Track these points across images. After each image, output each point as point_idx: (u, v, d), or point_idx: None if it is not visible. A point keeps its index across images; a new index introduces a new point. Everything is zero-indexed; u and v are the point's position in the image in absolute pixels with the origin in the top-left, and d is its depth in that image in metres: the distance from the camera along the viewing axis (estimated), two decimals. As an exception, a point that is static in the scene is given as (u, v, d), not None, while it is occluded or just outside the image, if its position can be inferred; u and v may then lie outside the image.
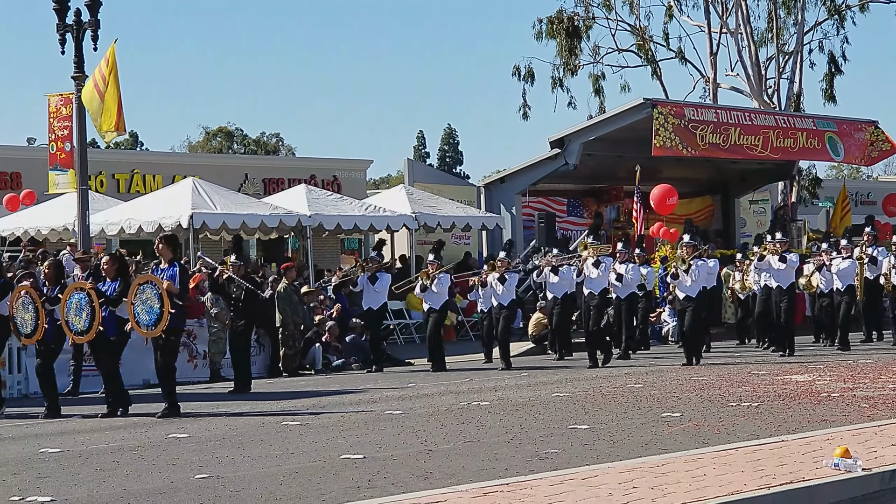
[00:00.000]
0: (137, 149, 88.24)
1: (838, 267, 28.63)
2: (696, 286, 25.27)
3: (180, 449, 14.39)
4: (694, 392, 18.94)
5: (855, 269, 28.65)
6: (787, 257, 26.76)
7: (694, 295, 25.26)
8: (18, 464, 13.54)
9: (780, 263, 26.72)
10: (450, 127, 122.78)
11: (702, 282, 25.47)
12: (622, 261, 27.65)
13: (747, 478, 9.92)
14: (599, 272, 25.64)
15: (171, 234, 20.50)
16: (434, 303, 26.48)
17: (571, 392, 19.76)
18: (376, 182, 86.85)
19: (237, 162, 55.27)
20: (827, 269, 28.78)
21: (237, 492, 10.93)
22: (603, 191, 41.47)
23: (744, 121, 37.44)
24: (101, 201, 33.95)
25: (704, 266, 25.49)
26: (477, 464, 12.05)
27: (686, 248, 25.75)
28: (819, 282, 29.18)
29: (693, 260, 25.19)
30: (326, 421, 16.89)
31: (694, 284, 25.25)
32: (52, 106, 28.83)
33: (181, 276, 18.74)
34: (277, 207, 32.66)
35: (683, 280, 25.26)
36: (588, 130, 37.21)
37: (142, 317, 18.33)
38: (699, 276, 25.28)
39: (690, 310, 25.18)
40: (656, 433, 14.07)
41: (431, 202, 35.89)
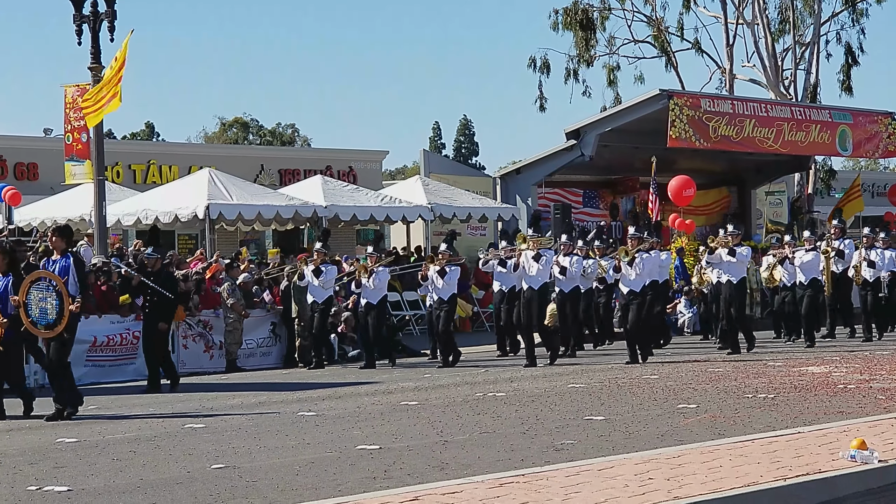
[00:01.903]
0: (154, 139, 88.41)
1: (801, 260, 27.76)
2: (640, 280, 24.22)
3: (196, 439, 14.42)
4: (710, 383, 18.93)
5: (819, 261, 27.97)
6: (736, 251, 25.66)
7: (638, 289, 24.19)
8: (35, 454, 13.58)
9: (729, 257, 25.66)
10: (465, 118, 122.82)
11: (647, 276, 24.48)
12: (566, 253, 26.12)
13: (763, 469, 9.91)
14: (540, 266, 24.23)
15: (65, 226, 19.55)
16: (371, 298, 25.20)
17: (587, 383, 19.77)
18: (392, 173, 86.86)
19: (253, 153, 55.25)
20: (790, 262, 27.95)
21: (253, 482, 10.95)
22: (618, 182, 41.41)
23: (759, 112, 37.38)
24: (118, 192, 34.01)
25: (651, 259, 24.60)
26: (493, 455, 12.06)
27: (631, 240, 24.84)
28: (782, 275, 28.37)
29: (638, 253, 24.15)
30: (342, 412, 16.91)
31: (638, 278, 24.17)
32: (68, 97, 28.88)
33: (76, 267, 17.69)
34: (293, 198, 32.69)
35: (627, 273, 24.14)
36: (604, 121, 37.17)
37: (36, 315, 17.18)
38: (644, 270, 24.23)
39: (635, 305, 24.09)
40: (672, 424, 14.07)
41: (447, 193, 35.88)
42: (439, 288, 25.04)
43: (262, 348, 26.52)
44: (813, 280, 27.74)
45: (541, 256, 24.11)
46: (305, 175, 41.71)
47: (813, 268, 27.78)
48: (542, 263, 24.17)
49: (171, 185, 34.53)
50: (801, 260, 27.73)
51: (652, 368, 22.23)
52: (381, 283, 25.36)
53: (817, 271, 27.94)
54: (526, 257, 24.15)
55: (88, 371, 23.60)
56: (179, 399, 19.78)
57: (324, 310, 25.45)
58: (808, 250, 27.81)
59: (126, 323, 24.35)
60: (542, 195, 38.27)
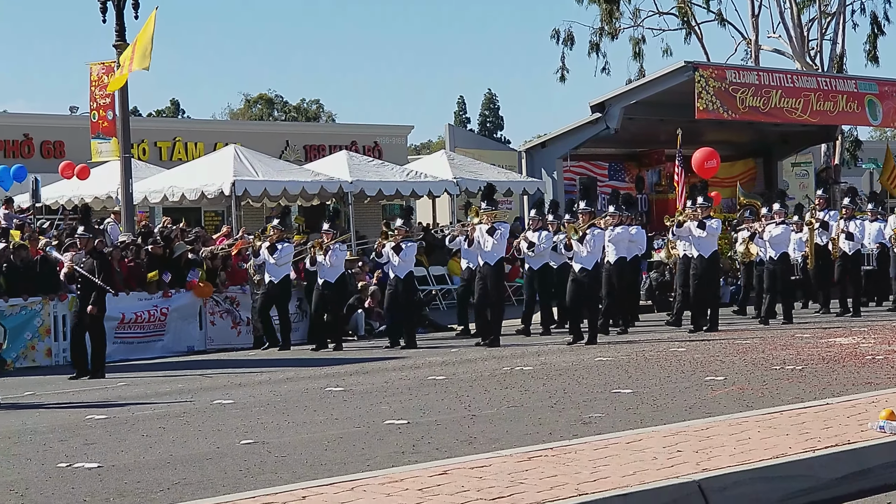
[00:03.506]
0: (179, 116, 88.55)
1: (770, 234, 26.09)
2: (592, 257, 22.82)
3: (225, 415, 14.48)
4: (737, 356, 18.90)
5: (789, 236, 26.66)
6: (706, 224, 24.33)
7: (590, 267, 22.77)
8: (65, 430, 13.65)
9: (699, 231, 24.30)
10: (490, 92, 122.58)
11: (598, 253, 23.20)
12: (535, 228, 24.96)
13: (792, 441, 9.90)
14: (495, 240, 23.26)
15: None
16: (329, 276, 24.28)
17: (614, 356, 19.75)
18: (417, 148, 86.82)
19: (278, 129, 55.36)
20: (759, 236, 26.39)
21: (282, 457, 10.99)
22: (644, 154, 41.30)
23: (785, 83, 37.21)
24: (144, 169, 34.12)
25: (601, 236, 23.36)
26: (521, 428, 12.07)
27: (582, 215, 23.19)
28: (759, 250, 26.86)
29: (589, 229, 22.75)
30: (370, 387, 16.94)
31: (590, 255, 22.74)
32: (93, 75, 28.96)
33: None
34: (319, 174, 32.72)
35: (578, 251, 22.64)
36: (629, 94, 37.07)
37: None
38: (595, 247, 22.84)
39: (590, 281, 22.79)
40: (700, 397, 14.06)
41: (473, 167, 35.85)
42: (395, 265, 23.91)
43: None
44: (783, 255, 26.20)
45: (495, 230, 23.27)
46: (330, 151, 41.74)
47: (782, 242, 26.23)
48: (497, 238, 23.28)
49: (197, 162, 34.60)
50: (770, 234, 26.12)
51: (679, 341, 22.19)
52: (338, 260, 24.39)
53: (787, 245, 26.50)
54: (480, 232, 23.35)
55: (117, 348, 23.71)
56: (207, 375, 19.85)
57: (281, 288, 24.55)
58: (777, 224, 26.20)
59: (154, 300, 24.46)
60: (568, 168, 38.20)
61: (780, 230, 26.07)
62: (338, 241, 24.58)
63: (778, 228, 26.05)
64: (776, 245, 26.06)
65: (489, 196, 24.40)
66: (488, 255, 23.34)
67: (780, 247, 26.13)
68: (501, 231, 23.45)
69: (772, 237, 26.02)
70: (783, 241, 26.22)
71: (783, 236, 26.19)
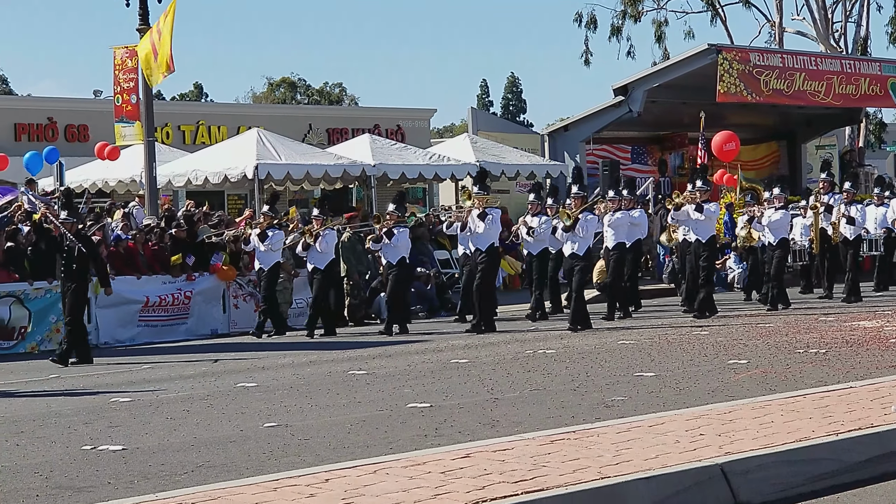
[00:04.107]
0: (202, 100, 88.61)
1: (769, 219, 25.36)
2: (584, 242, 22.41)
3: (249, 398, 14.52)
4: (760, 339, 18.86)
5: (788, 220, 26.09)
6: (704, 207, 23.82)
7: (581, 253, 22.35)
8: (90, 413, 13.72)
9: (697, 214, 23.85)
10: (513, 75, 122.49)
11: (590, 239, 22.70)
12: (534, 213, 24.47)
13: (815, 424, 9.88)
14: (487, 225, 22.71)
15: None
16: (319, 262, 23.80)
17: (637, 339, 19.74)
18: (440, 131, 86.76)
19: (301, 112, 55.35)
20: (758, 221, 25.75)
21: (306, 440, 11.02)
22: (667, 138, 41.24)
23: (809, 66, 37.13)
24: (167, 153, 34.17)
25: (594, 221, 22.84)
26: (543, 412, 12.08)
27: (574, 199, 22.90)
28: (760, 235, 26.15)
29: (582, 214, 22.33)
30: (393, 370, 16.97)
31: (582, 241, 22.35)
32: (117, 58, 29.03)
33: None
34: (341, 157, 32.73)
35: (570, 236, 22.38)
36: (652, 77, 37.02)
37: None
38: (587, 232, 22.44)
39: (578, 270, 22.32)
40: (723, 380, 14.04)
41: (495, 151, 35.82)
42: (387, 251, 23.59)
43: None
44: (782, 240, 25.42)
45: (486, 215, 22.72)
46: (353, 134, 41.77)
47: (782, 227, 25.48)
48: (489, 222, 22.74)
49: (220, 146, 34.64)
50: (769, 219, 25.38)
51: (702, 324, 22.14)
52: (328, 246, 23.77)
53: (786, 231, 25.82)
54: (472, 216, 22.94)
55: (141, 331, 23.87)
56: (231, 358, 19.91)
57: (270, 275, 24.07)
58: (777, 209, 25.46)
59: (178, 283, 24.53)
60: (591, 152, 38.18)
61: (780, 215, 25.38)
62: (328, 227, 24.06)
63: (777, 213, 25.38)
64: (775, 230, 25.37)
65: (481, 180, 23.81)
66: (479, 240, 22.92)
67: (780, 232, 25.43)
68: (492, 216, 22.94)
69: (770, 222, 25.37)
70: (782, 226, 25.54)
71: (782, 221, 25.51)
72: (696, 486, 8.26)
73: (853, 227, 27.05)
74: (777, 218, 25.32)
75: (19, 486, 9.46)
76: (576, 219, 22.15)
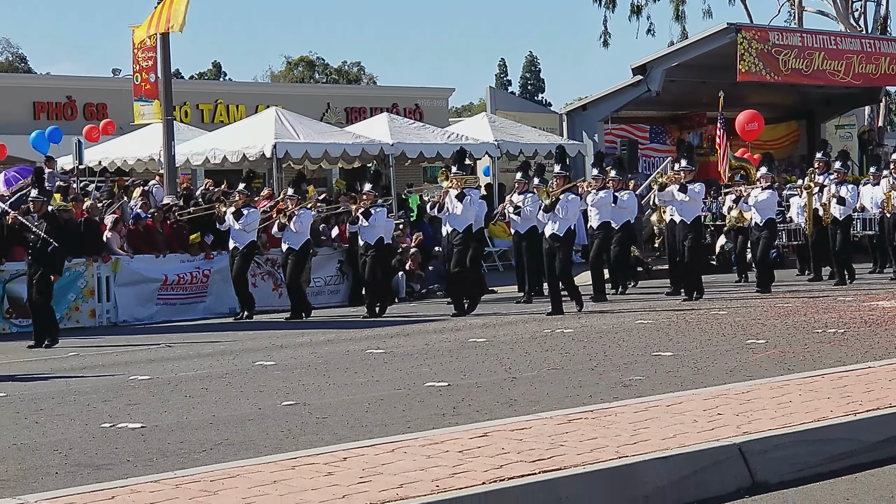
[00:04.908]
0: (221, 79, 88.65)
1: (756, 198, 24.82)
2: (565, 223, 21.78)
3: (267, 376, 14.55)
4: (779, 319, 18.83)
5: (775, 200, 25.59)
6: (689, 188, 23.18)
7: (561, 233, 21.76)
8: (109, 391, 13.76)
9: (681, 195, 23.21)
10: (531, 54, 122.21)
11: (571, 220, 22.12)
12: (521, 191, 23.85)
13: (833, 404, 9.87)
14: (465, 206, 22.19)
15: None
16: (293, 242, 23.37)
17: (655, 319, 19.74)
18: (458, 110, 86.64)
19: (319, 91, 55.35)
20: (744, 201, 25.47)
21: (323, 418, 11.04)
22: (685, 117, 41.15)
23: (828, 45, 37.07)
24: (186, 131, 34.19)
25: (575, 201, 22.38)
26: (561, 391, 12.09)
27: (557, 179, 22.53)
28: (753, 214, 25.44)
29: (564, 194, 21.81)
30: (410, 349, 16.99)
31: (563, 221, 21.74)
32: (136, 37, 29.03)
33: None
34: (360, 136, 32.71)
35: (542, 218, 21.95)
36: (671, 56, 36.96)
37: None
38: (568, 213, 21.81)
39: (562, 248, 21.85)
40: (741, 360, 14.03)
41: (514, 130, 35.78)
42: (365, 231, 23.24)
43: (329, 286, 26.59)
44: (769, 221, 24.85)
45: (464, 196, 22.18)
46: (372, 113, 41.73)
47: (768, 207, 24.90)
48: (467, 203, 22.21)
49: (239, 125, 34.65)
50: (755, 199, 24.84)
51: (720, 304, 22.12)
52: (303, 226, 23.44)
53: (773, 211, 25.24)
54: (449, 197, 22.35)
55: (160, 309, 23.92)
56: (249, 337, 19.96)
57: (245, 255, 23.55)
58: (764, 188, 24.91)
59: (196, 262, 24.57)
60: (609, 131, 38.12)
61: (766, 195, 24.80)
62: (303, 206, 23.56)
63: (764, 193, 24.81)
64: (762, 210, 24.83)
65: (460, 160, 23.06)
66: (457, 221, 22.38)
67: (766, 212, 24.87)
68: (471, 196, 22.43)
69: (757, 202, 24.82)
70: (769, 206, 24.96)
71: (769, 201, 24.92)
72: (713, 465, 8.26)
73: (843, 207, 26.55)
74: (764, 198, 24.77)
75: (38, 463, 9.50)
76: (556, 198, 21.66)
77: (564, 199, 21.76)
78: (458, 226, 22.38)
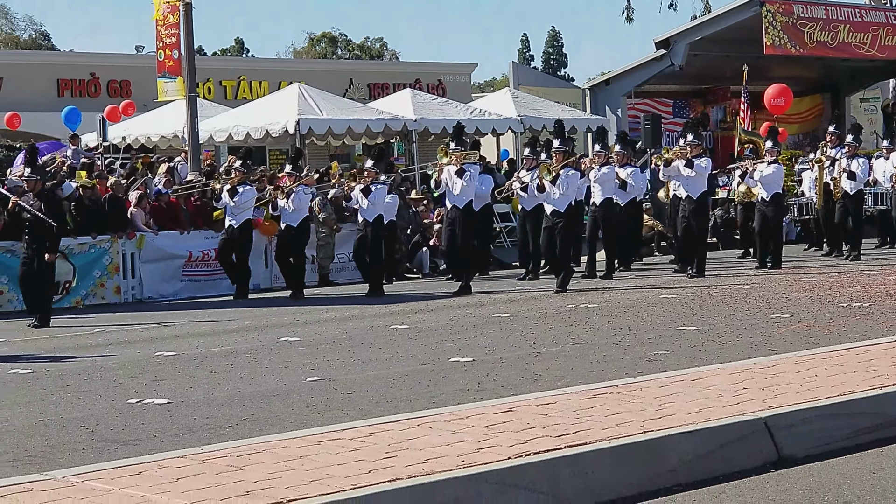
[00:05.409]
0: (243, 55, 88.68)
1: (762, 173, 24.42)
2: (565, 199, 21.32)
3: (292, 352, 14.58)
4: (804, 293, 18.79)
5: (781, 174, 25.12)
6: (695, 163, 22.74)
7: (562, 209, 21.28)
8: (135, 367, 13.82)
9: (687, 170, 22.78)
10: (554, 29, 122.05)
11: (572, 195, 21.66)
12: (529, 167, 23.56)
13: (859, 378, 9.85)
14: (464, 182, 21.71)
15: None
16: (291, 220, 22.94)
17: (679, 294, 19.70)
18: (481, 86, 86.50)
19: (342, 67, 55.36)
20: (750, 175, 24.97)
21: (349, 394, 11.07)
22: (709, 91, 41.05)
23: (854, 17, 36.90)
24: (209, 108, 34.25)
25: (576, 177, 21.92)
26: (586, 366, 12.09)
27: (556, 154, 22.05)
28: (758, 190, 24.94)
29: (564, 169, 21.37)
30: (435, 324, 17.00)
31: (563, 197, 21.28)
32: (159, 14, 29.05)
33: None
34: (383, 112, 32.72)
35: (551, 192, 21.36)
36: (694, 30, 36.84)
37: None
38: (569, 188, 21.38)
39: (561, 226, 21.28)
40: (766, 334, 14.00)
41: (537, 105, 35.74)
42: (364, 209, 22.77)
43: (353, 262, 26.53)
44: (775, 195, 24.48)
45: (464, 172, 21.70)
46: (395, 89, 41.75)
47: (774, 181, 24.49)
48: (466, 179, 21.72)
49: (262, 101, 34.69)
50: (761, 173, 24.44)
51: (745, 278, 22.07)
52: (301, 204, 22.99)
53: (779, 185, 24.78)
54: (448, 173, 21.87)
55: (184, 286, 23.99)
56: (274, 313, 19.99)
57: (242, 233, 23.14)
58: (769, 163, 24.53)
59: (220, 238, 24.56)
60: (632, 105, 38.07)
61: (772, 169, 24.42)
62: (300, 183, 23.17)
63: (770, 168, 24.43)
64: (767, 185, 24.45)
65: (458, 135, 22.58)
66: (456, 199, 21.88)
67: (772, 187, 24.49)
68: (471, 172, 21.97)
69: (762, 176, 24.44)
70: (775, 180, 24.53)
71: (775, 176, 24.51)
72: (739, 439, 8.25)
73: (854, 182, 26.20)
74: (769, 172, 24.42)
75: (66, 439, 9.55)
76: (556, 174, 21.28)
77: (565, 174, 21.38)
78: (458, 203, 21.91)
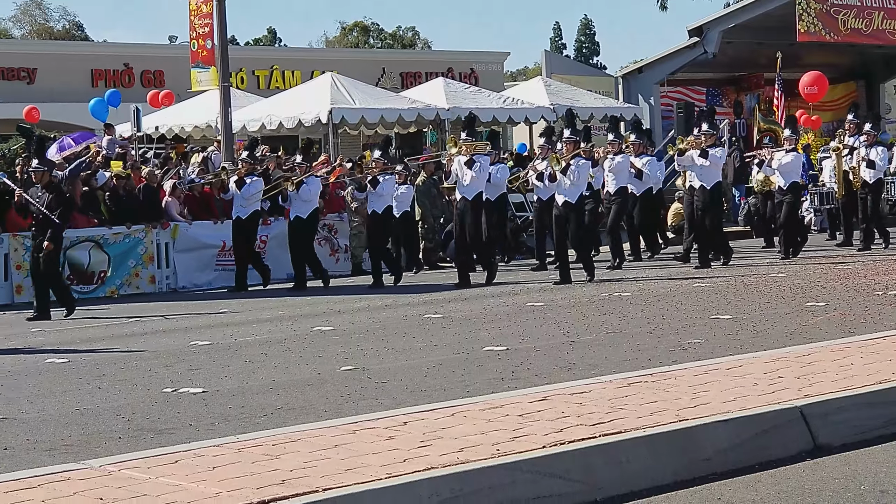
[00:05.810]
0: (276, 45, 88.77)
1: (780, 162, 23.94)
2: (576, 189, 21.03)
3: (326, 341, 14.61)
4: (839, 281, 18.72)
5: (800, 163, 24.77)
6: (710, 152, 22.44)
7: (574, 200, 20.99)
8: (170, 356, 13.87)
9: (701, 160, 22.45)
10: (586, 17, 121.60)
11: (582, 185, 21.31)
12: (544, 157, 22.83)
13: (895, 366, 9.82)
14: (474, 173, 21.22)
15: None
16: (301, 211, 22.61)
17: (713, 282, 19.65)
18: (513, 74, 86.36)
19: (374, 56, 55.39)
20: (767, 164, 24.38)
21: (382, 383, 11.08)
22: (742, 79, 40.92)
23: (888, 4, 36.76)
24: (242, 98, 34.33)
25: (586, 166, 21.45)
26: (619, 354, 12.08)
27: (567, 143, 21.70)
28: (776, 178, 24.56)
29: (574, 159, 21.04)
30: (468, 313, 17.01)
31: (574, 188, 20.99)
32: (192, 4, 29.18)
33: None
34: (415, 101, 32.73)
35: (562, 182, 21.01)
36: (727, 18, 36.75)
37: None
38: (580, 178, 21.05)
39: (574, 215, 21.11)
40: (801, 323, 13.96)
41: (569, 93, 35.68)
42: (372, 197, 22.49)
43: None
44: (793, 185, 24.09)
45: (474, 163, 21.20)
46: (427, 78, 41.76)
47: (793, 170, 24.11)
48: (476, 170, 21.24)
49: (295, 91, 34.75)
50: (779, 162, 23.97)
51: (780, 266, 21.98)
52: (311, 194, 22.77)
53: (797, 174, 24.43)
54: (458, 164, 21.37)
55: (218, 275, 24.03)
56: (307, 302, 20.03)
57: (249, 225, 22.92)
58: (787, 151, 24.12)
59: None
60: (665, 94, 37.97)
61: (791, 158, 24.00)
62: (310, 174, 23.00)
63: (788, 156, 24.01)
64: (786, 174, 24.02)
65: (469, 126, 22.15)
66: (466, 190, 21.43)
67: (791, 175, 24.07)
68: (481, 163, 21.46)
69: (780, 165, 23.99)
70: (793, 169, 24.13)
71: (793, 164, 24.11)
72: (774, 428, 8.23)
73: (873, 170, 25.66)
74: (788, 160, 24.00)
75: (102, 428, 9.60)
76: (567, 164, 20.93)
77: (576, 164, 21.08)
78: (468, 194, 21.49)
